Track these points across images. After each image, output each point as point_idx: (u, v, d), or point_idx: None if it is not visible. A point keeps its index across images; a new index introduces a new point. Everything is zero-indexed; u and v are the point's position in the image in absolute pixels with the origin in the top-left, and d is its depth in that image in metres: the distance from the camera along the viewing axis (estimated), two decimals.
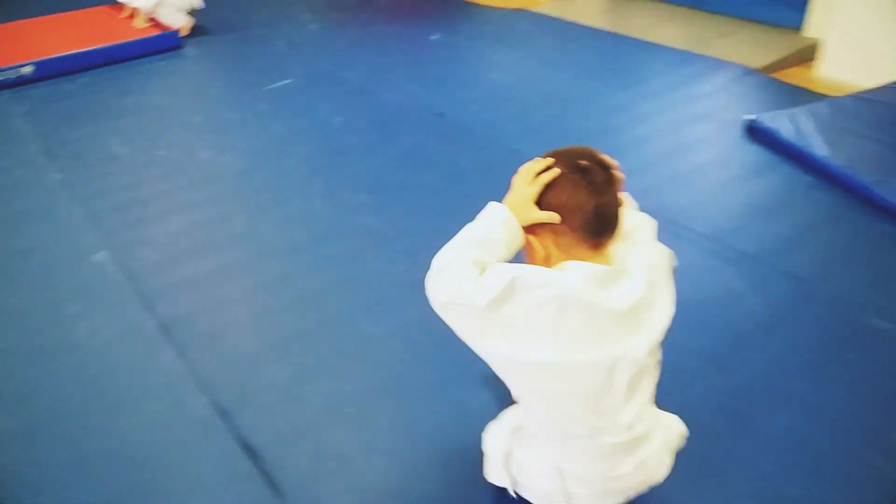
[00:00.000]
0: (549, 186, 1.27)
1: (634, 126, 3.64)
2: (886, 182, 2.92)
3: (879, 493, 1.76)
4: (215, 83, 4.49)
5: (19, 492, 1.79)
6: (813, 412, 1.96)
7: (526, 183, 1.29)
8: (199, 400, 2.04)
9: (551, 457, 1.38)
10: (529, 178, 1.29)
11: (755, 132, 3.48)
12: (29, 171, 3.38)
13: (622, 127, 3.63)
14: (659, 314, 1.31)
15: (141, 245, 2.78)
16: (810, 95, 3.95)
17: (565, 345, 1.21)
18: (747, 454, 1.84)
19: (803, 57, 4.49)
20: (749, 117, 3.53)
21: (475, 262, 1.25)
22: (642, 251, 1.33)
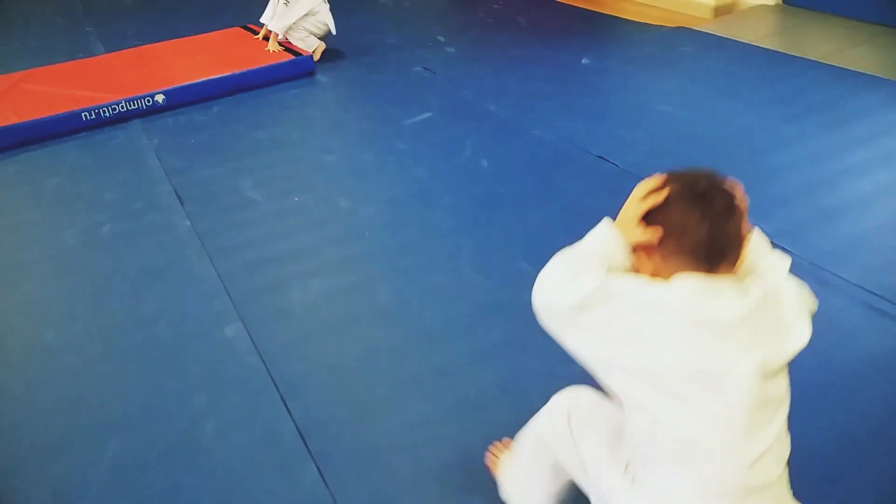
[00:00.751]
0: (665, 205, 1.20)
1: (849, 181, 3.00)
2: None
3: None
4: (350, 116, 4.18)
5: None
6: None
7: (635, 200, 1.24)
8: None
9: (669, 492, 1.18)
10: (639, 196, 1.23)
11: None
12: (160, 217, 3.16)
13: (833, 182, 3.00)
14: (785, 339, 1.16)
15: (277, 319, 2.45)
16: None
17: (658, 352, 1.12)
18: None
19: None
20: None
21: (576, 273, 1.22)
22: (768, 277, 1.22)
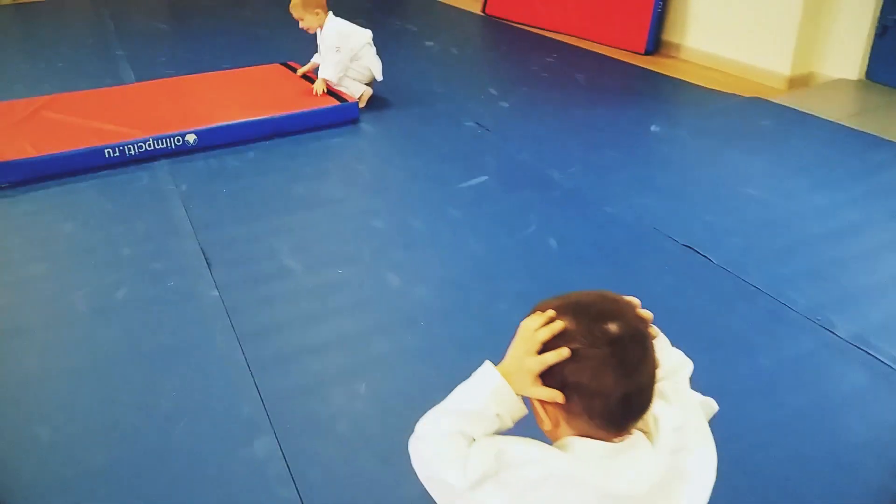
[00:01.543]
0: (571, 360, 0.98)
1: None
2: None
3: None
4: (398, 173, 3.80)
5: None
6: None
7: (526, 349, 1.02)
8: None
9: None
10: (531, 344, 1.02)
11: None
12: (184, 282, 2.77)
13: None
14: (691, 487, 1.04)
15: (318, 434, 2.04)
16: None
17: None
18: None
19: None
20: None
21: (461, 434, 1.03)
22: (670, 411, 1.06)
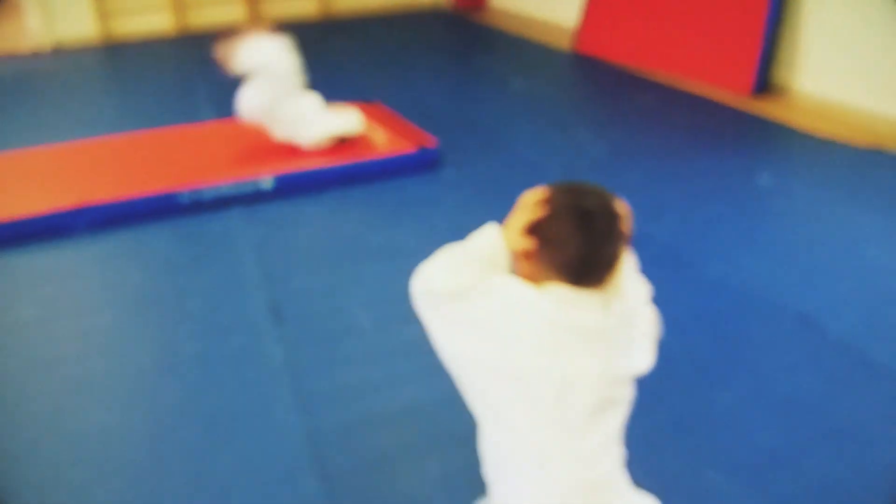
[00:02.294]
0: (549, 219, 1.22)
1: None
2: None
3: None
4: (477, 224, 3.54)
5: None
6: None
7: (523, 209, 1.26)
8: None
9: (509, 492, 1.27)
10: (527, 205, 1.25)
11: None
12: (249, 340, 2.60)
13: None
14: (631, 356, 1.27)
15: None
16: None
17: (521, 350, 1.18)
18: None
19: None
20: None
21: (459, 265, 1.26)
22: (629, 298, 1.29)
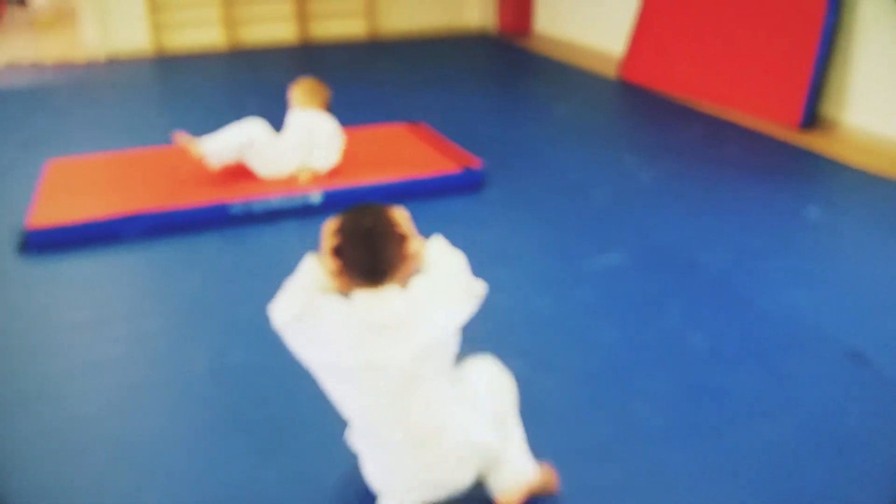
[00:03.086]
0: (341, 242, 1.64)
1: None
2: None
3: None
4: (523, 245, 3.53)
5: None
6: None
7: (324, 237, 1.68)
8: None
9: (370, 455, 1.75)
10: (327, 234, 1.67)
11: None
12: None
13: None
14: (424, 329, 1.61)
15: None
16: None
17: (339, 349, 1.60)
18: None
19: None
20: None
21: (291, 296, 1.68)
22: (423, 278, 1.69)
